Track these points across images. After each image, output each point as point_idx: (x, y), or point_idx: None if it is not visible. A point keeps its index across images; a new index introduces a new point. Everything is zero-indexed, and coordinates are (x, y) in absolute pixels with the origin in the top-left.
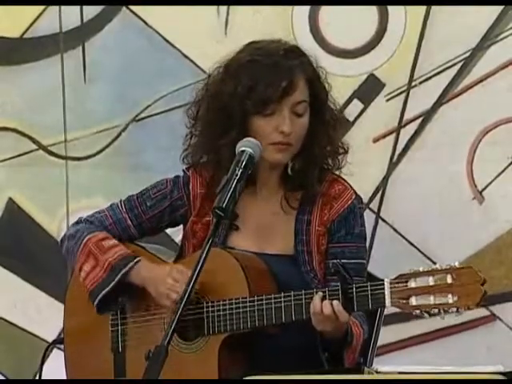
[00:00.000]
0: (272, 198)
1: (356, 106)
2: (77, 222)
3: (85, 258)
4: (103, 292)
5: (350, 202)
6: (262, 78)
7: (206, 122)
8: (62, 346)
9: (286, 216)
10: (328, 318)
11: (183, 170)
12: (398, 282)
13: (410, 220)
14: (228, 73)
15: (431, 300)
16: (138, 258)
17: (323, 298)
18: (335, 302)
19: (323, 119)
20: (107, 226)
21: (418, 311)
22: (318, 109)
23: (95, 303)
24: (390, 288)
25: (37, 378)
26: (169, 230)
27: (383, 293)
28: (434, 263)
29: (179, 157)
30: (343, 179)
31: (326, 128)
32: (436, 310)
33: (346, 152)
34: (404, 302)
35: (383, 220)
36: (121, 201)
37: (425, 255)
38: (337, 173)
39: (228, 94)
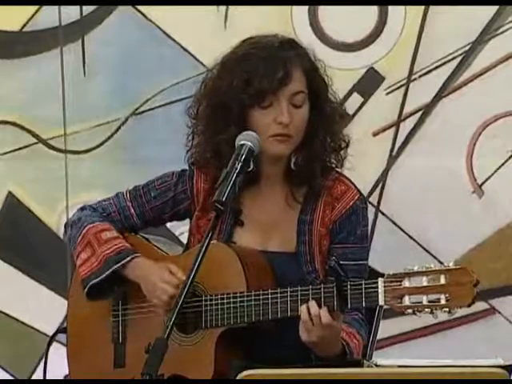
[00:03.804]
0: (277, 193)
1: (356, 99)
2: (81, 209)
3: (83, 247)
4: (94, 281)
5: (351, 202)
6: (257, 70)
7: (205, 119)
8: (60, 340)
9: (290, 212)
10: (315, 323)
11: (189, 165)
12: (391, 281)
13: (409, 213)
14: (224, 68)
15: (424, 300)
16: (132, 255)
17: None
18: (322, 309)
19: (323, 112)
20: (111, 213)
21: (410, 310)
22: (318, 101)
23: (85, 290)
24: (384, 287)
25: (38, 370)
26: (168, 224)
27: (377, 291)
28: (434, 257)
29: (183, 157)
30: (347, 178)
31: (326, 121)
32: (428, 310)
33: (348, 145)
34: (397, 301)
35: (383, 213)
36: (127, 190)
37: (424, 248)
38: (339, 170)
39: (224, 89)
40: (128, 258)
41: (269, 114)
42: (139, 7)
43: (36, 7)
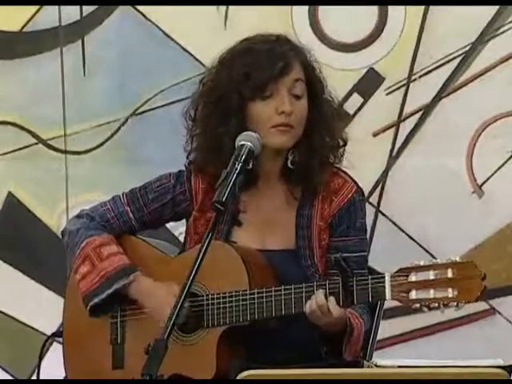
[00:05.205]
0: (274, 191)
1: (356, 99)
2: (78, 216)
3: (81, 261)
4: (95, 300)
5: (349, 195)
6: (258, 62)
7: (204, 117)
8: (60, 340)
9: (288, 210)
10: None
11: (185, 165)
12: (398, 276)
13: (409, 214)
14: (223, 65)
15: (431, 294)
16: (134, 274)
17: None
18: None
19: (321, 109)
20: (109, 219)
21: (417, 305)
22: (315, 98)
23: (87, 309)
24: (391, 281)
25: (36, 371)
26: (168, 224)
27: (384, 286)
28: (434, 257)
29: (183, 158)
30: (344, 172)
31: (323, 118)
32: (436, 304)
33: (345, 144)
34: (404, 295)
35: (383, 214)
36: (123, 193)
37: (424, 249)
38: (337, 166)
39: (224, 84)
40: (128, 280)
41: (270, 105)
42: (139, 7)
43: (36, 7)
